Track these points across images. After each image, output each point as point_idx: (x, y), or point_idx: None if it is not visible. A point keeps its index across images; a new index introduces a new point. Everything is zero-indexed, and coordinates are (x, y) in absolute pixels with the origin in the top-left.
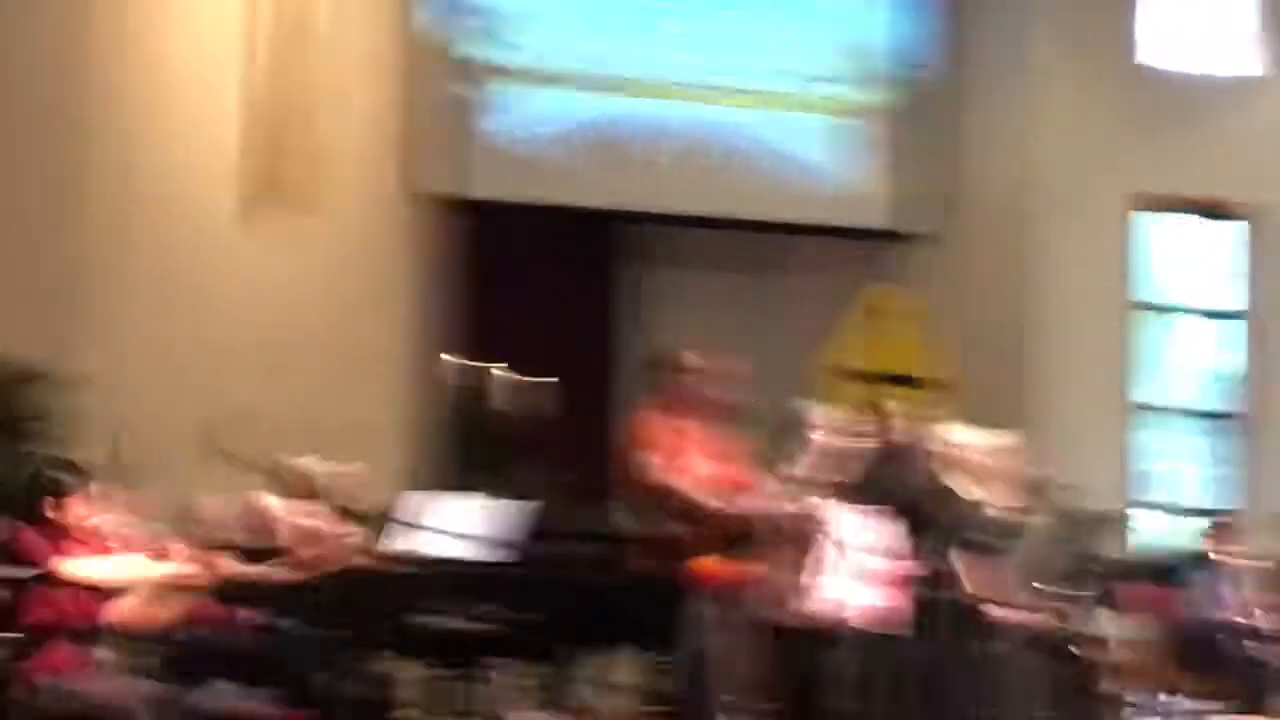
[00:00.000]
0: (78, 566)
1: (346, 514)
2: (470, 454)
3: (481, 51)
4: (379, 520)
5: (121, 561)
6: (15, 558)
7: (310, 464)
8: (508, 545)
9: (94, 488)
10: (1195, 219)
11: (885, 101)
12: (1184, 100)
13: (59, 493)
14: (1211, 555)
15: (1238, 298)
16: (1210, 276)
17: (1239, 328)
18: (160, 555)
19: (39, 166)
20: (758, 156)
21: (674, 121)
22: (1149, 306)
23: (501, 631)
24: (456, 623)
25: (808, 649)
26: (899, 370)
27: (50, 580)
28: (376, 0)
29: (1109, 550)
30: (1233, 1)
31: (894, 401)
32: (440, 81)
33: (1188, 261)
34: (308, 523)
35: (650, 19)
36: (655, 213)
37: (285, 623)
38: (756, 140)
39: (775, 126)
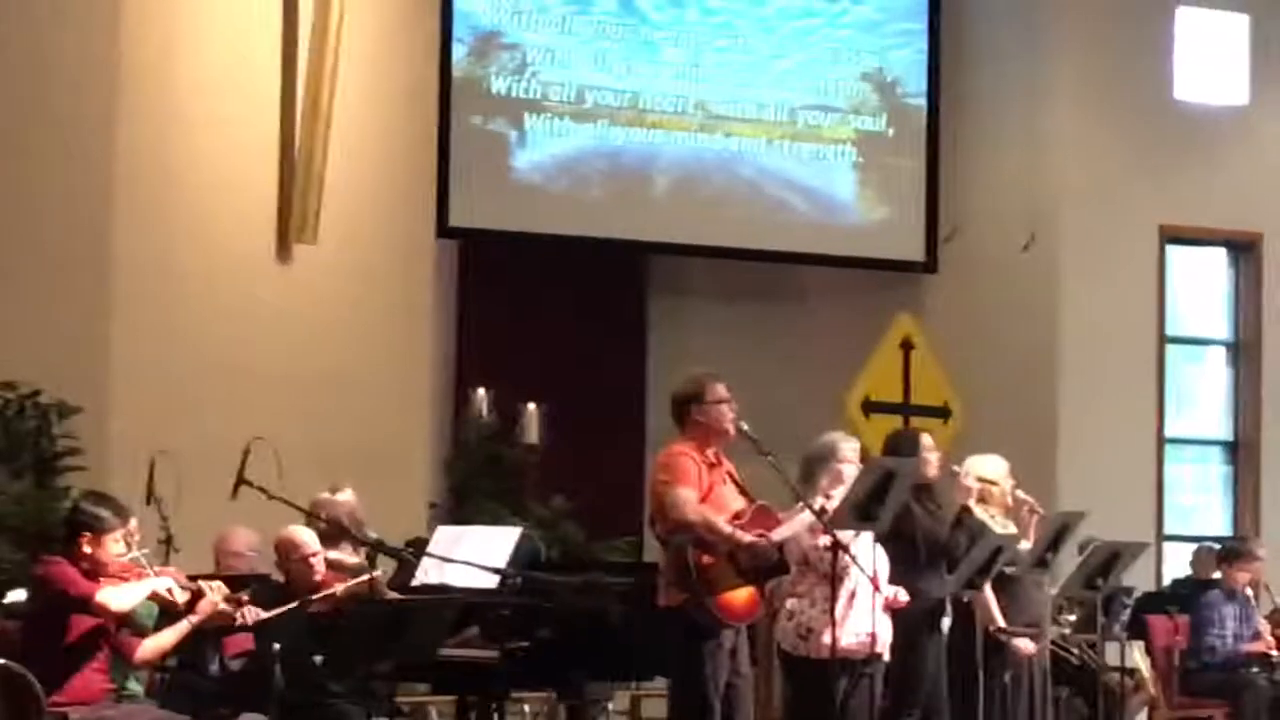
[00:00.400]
0: (112, 599)
1: (374, 547)
2: (495, 485)
3: (508, 86)
4: (405, 552)
5: (154, 594)
6: (50, 590)
7: (341, 498)
8: (533, 576)
9: (130, 522)
10: (1221, 251)
11: (902, 132)
12: (1212, 132)
13: (95, 528)
14: (1225, 581)
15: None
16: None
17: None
18: (193, 590)
19: (70, 197)
20: (779, 188)
21: (695, 154)
22: (1177, 340)
23: (527, 663)
24: (483, 654)
25: (836, 682)
26: (932, 402)
27: (84, 612)
28: (410, 37)
29: (1137, 582)
30: (1260, 33)
31: (928, 435)
32: (469, 116)
33: (1214, 294)
34: (342, 558)
35: (660, 51)
36: (679, 243)
37: (314, 656)
38: (779, 172)
39: (796, 158)
